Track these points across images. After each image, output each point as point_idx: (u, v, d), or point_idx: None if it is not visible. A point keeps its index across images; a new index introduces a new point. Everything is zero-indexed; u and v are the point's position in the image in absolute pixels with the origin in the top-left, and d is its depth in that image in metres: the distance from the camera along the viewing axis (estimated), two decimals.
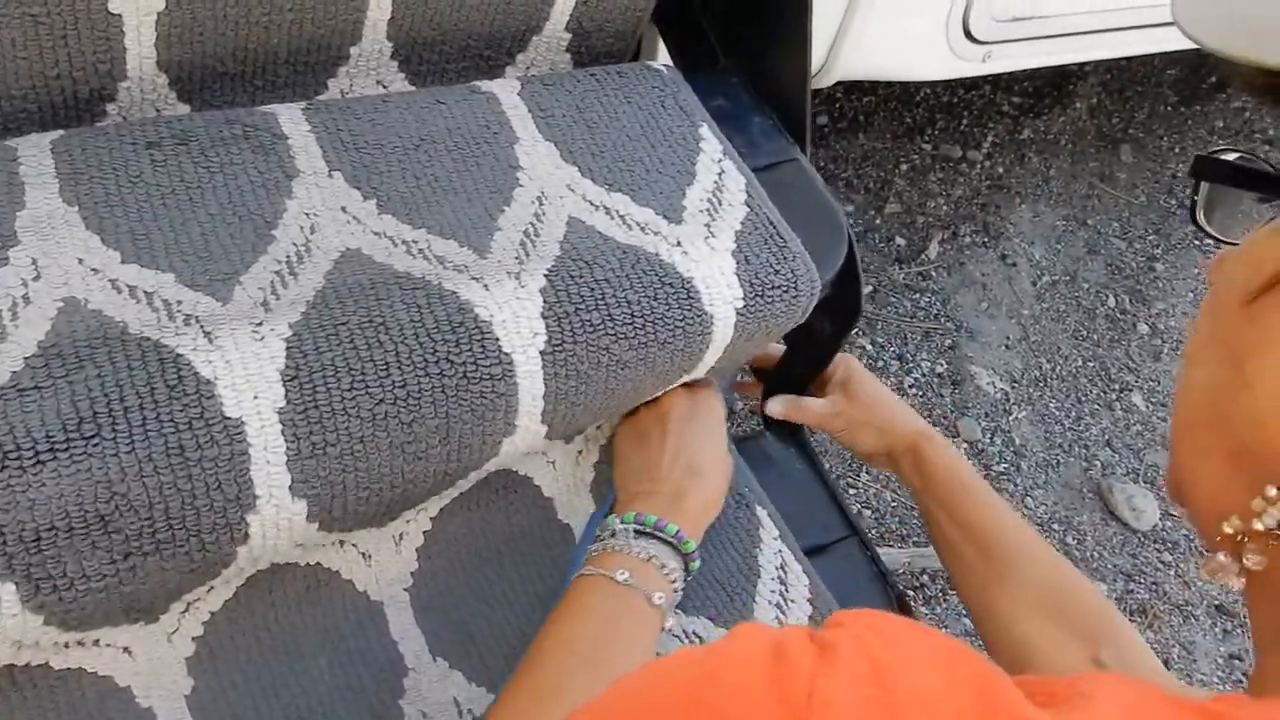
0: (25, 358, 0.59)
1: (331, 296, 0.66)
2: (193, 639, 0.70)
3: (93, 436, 0.58)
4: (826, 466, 0.99)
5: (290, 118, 0.75)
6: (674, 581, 0.71)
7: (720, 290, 0.75)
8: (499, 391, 0.69)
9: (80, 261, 0.64)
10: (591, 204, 0.78)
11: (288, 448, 0.62)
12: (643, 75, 0.88)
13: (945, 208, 1.91)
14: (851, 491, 1.41)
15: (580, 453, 0.85)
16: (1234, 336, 0.38)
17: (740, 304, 0.76)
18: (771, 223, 0.81)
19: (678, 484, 0.75)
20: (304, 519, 0.65)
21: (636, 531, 0.71)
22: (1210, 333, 0.40)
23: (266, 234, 0.69)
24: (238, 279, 0.66)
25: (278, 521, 0.64)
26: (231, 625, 0.72)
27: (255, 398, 0.61)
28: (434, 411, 0.67)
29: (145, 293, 0.64)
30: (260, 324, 0.64)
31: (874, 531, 1.38)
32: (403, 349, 0.66)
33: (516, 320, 0.69)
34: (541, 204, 0.76)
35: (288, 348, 0.63)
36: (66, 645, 0.65)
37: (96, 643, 0.65)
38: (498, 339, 0.68)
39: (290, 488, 0.63)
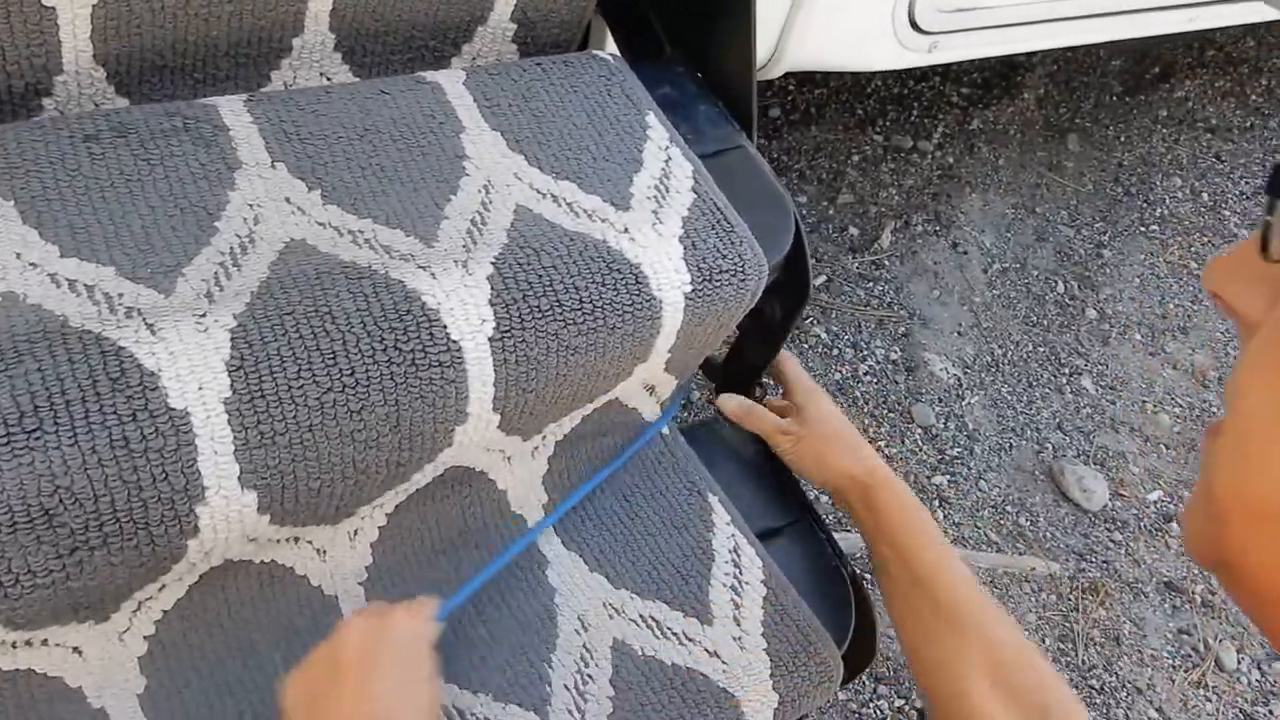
0: None
1: (276, 287, 0.66)
2: (144, 637, 0.70)
3: (34, 430, 0.57)
4: None
5: (232, 109, 0.75)
6: None
7: (668, 275, 0.76)
8: (448, 378, 0.69)
9: (18, 256, 0.64)
10: (539, 192, 0.78)
11: (235, 438, 0.62)
12: (589, 64, 0.89)
13: (897, 197, 1.93)
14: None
15: (536, 449, 0.85)
16: None
17: (689, 289, 0.77)
18: (718, 208, 0.81)
19: None
20: (255, 510, 0.65)
21: None
22: None
23: (209, 225, 0.69)
24: (180, 271, 0.66)
25: (228, 513, 0.63)
26: (184, 623, 0.71)
27: (200, 389, 0.61)
28: (383, 399, 0.67)
29: (86, 286, 0.63)
30: (204, 315, 0.63)
31: (830, 517, 1.39)
32: (349, 337, 0.65)
33: (464, 307, 0.69)
34: (488, 192, 0.77)
35: (232, 338, 0.63)
36: (14, 645, 0.64)
37: (45, 643, 0.65)
38: (445, 326, 0.68)
39: (239, 478, 0.63)
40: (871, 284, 1.75)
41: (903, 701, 1.29)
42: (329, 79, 0.85)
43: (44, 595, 0.59)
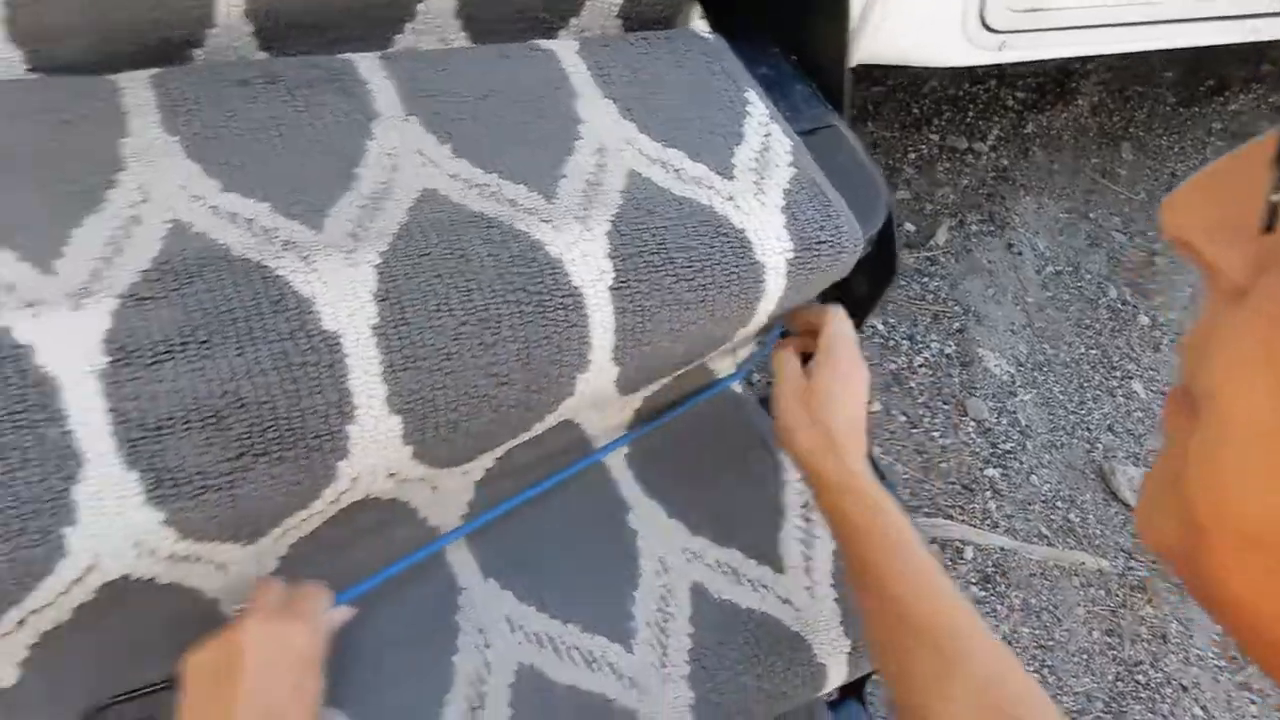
0: (141, 271, 0.64)
1: (415, 230, 0.71)
2: (278, 558, 0.74)
3: (205, 342, 0.62)
4: None
5: (368, 65, 0.80)
6: None
7: (771, 242, 0.80)
8: (571, 322, 0.73)
9: (183, 188, 0.69)
10: (648, 158, 0.82)
11: (382, 360, 0.67)
12: (691, 41, 0.93)
13: (953, 196, 1.96)
14: None
15: (627, 402, 0.90)
16: None
17: (790, 255, 0.81)
18: (816, 183, 0.85)
19: None
20: (400, 438, 0.69)
21: None
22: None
23: (350, 171, 0.73)
24: (327, 211, 0.71)
25: (375, 436, 0.68)
26: (313, 546, 0.76)
27: (350, 315, 0.66)
28: (513, 335, 0.71)
29: (245, 219, 0.68)
30: (352, 252, 0.68)
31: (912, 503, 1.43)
32: (482, 277, 0.70)
33: (585, 259, 0.73)
34: (602, 155, 0.81)
35: (378, 273, 0.68)
36: (178, 557, 0.68)
37: (201, 558, 0.69)
38: (568, 275, 0.73)
39: (387, 399, 0.67)
40: (927, 279, 1.79)
41: None
42: (447, 44, 0.90)
43: (212, 500, 0.64)
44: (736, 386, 0.96)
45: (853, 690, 1.04)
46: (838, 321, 0.82)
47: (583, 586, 0.81)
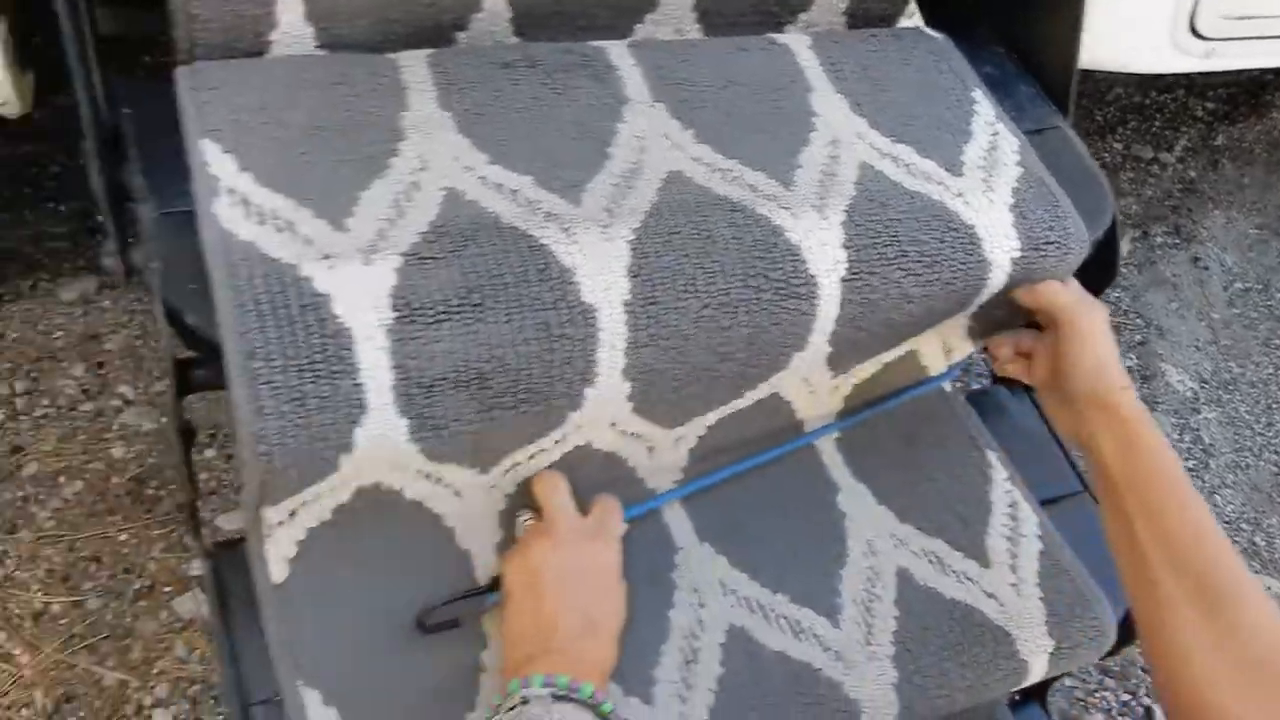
0: (421, 233, 0.69)
1: (665, 209, 0.74)
2: (505, 495, 0.80)
3: (479, 305, 0.67)
4: None
5: (618, 52, 0.84)
6: None
7: (999, 240, 0.81)
8: (802, 310, 0.76)
9: (456, 159, 0.74)
10: (880, 152, 0.84)
11: (628, 336, 0.71)
12: (918, 39, 0.94)
13: (1136, 207, 1.91)
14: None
15: (837, 386, 0.92)
16: None
17: (1016, 254, 0.81)
18: (1044, 182, 0.85)
19: (577, 644, 0.69)
20: (626, 399, 0.74)
21: (554, 696, 0.65)
22: None
23: (604, 151, 0.77)
24: (584, 186, 0.75)
25: (607, 398, 0.72)
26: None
27: (607, 289, 0.70)
28: (748, 320, 0.74)
29: (510, 190, 0.73)
30: (608, 226, 0.72)
31: None
32: (726, 261, 0.73)
33: (822, 248, 0.76)
34: (835, 148, 0.83)
35: (632, 249, 0.71)
36: (422, 474, 0.74)
37: (440, 480, 0.75)
38: (805, 262, 0.75)
39: (623, 370, 0.72)
40: (1108, 289, 1.74)
41: (1129, 696, 1.30)
42: (681, 35, 0.93)
43: (460, 440, 0.69)
44: (946, 385, 0.97)
45: (1036, 693, 1.04)
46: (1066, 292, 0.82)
47: (792, 560, 0.84)
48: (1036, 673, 0.84)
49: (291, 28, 0.76)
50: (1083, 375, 0.77)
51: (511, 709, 0.64)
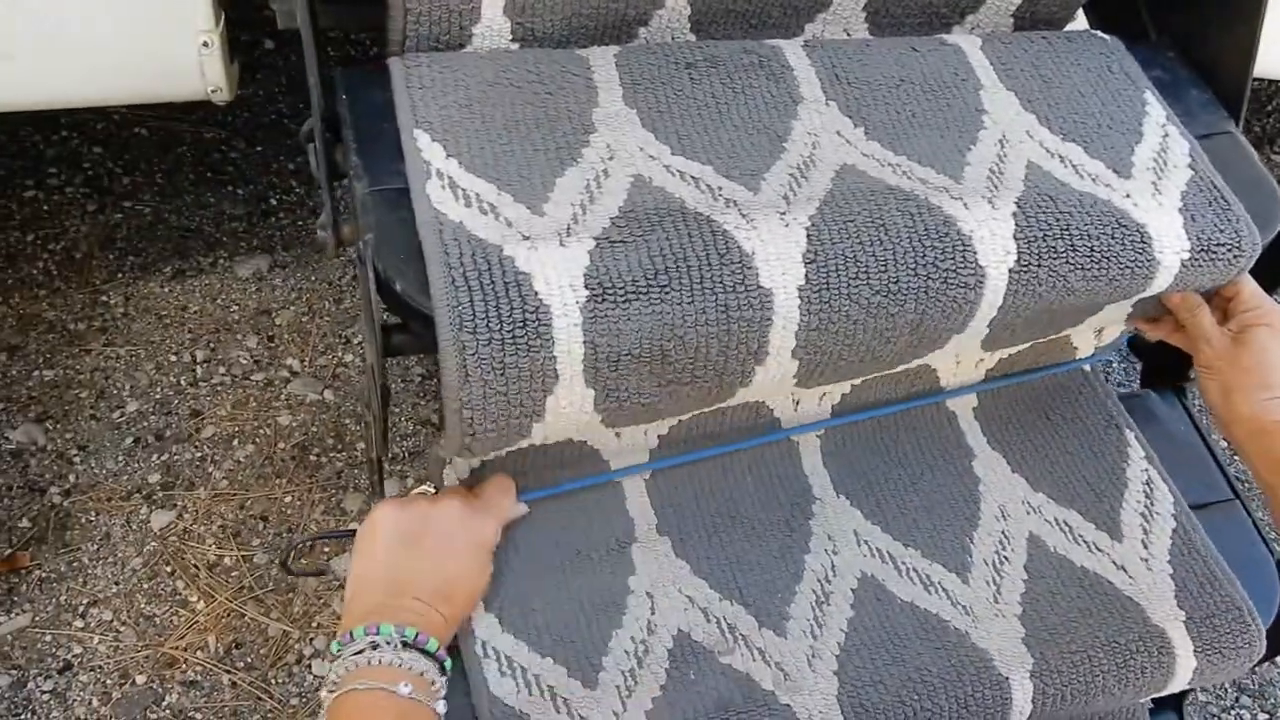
0: (611, 218, 0.73)
1: (839, 198, 0.77)
2: (658, 436, 0.86)
3: (665, 286, 0.71)
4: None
5: (793, 52, 0.87)
6: (441, 695, 0.68)
7: (1170, 240, 0.81)
8: (968, 299, 0.78)
9: (641, 149, 0.78)
10: (1047, 150, 0.85)
11: (800, 320, 0.74)
12: (1090, 41, 0.95)
13: None
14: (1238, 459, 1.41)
15: (980, 360, 0.94)
16: None
17: (1186, 256, 0.82)
18: (1215, 186, 0.85)
19: (429, 603, 0.70)
20: (791, 376, 0.78)
21: (403, 643, 0.67)
22: None
23: (779, 145, 0.81)
24: (762, 175, 0.78)
25: (774, 376, 0.77)
26: (687, 432, 0.87)
27: (784, 273, 0.73)
28: (914, 308, 0.76)
29: (692, 177, 0.77)
30: (784, 213, 0.75)
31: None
32: (899, 249, 0.76)
33: (993, 238, 0.78)
34: (1004, 145, 0.85)
35: (808, 235, 0.75)
36: (594, 426, 0.80)
37: (619, 435, 0.83)
38: (976, 252, 0.77)
39: (793, 352, 0.75)
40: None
41: (1266, 716, 1.27)
42: (850, 34, 0.96)
43: (636, 410, 0.75)
44: (1086, 366, 0.99)
45: (1173, 705, 1.03)
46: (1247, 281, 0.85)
47: (925, 517, 0.88)
48: (1180, 647, 0.84)
49: (492, 22, 0.82)
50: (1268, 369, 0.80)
51: (359, 652, 0.66)
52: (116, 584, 1.24)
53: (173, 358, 1.44)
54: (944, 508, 0.90)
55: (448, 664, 0.70)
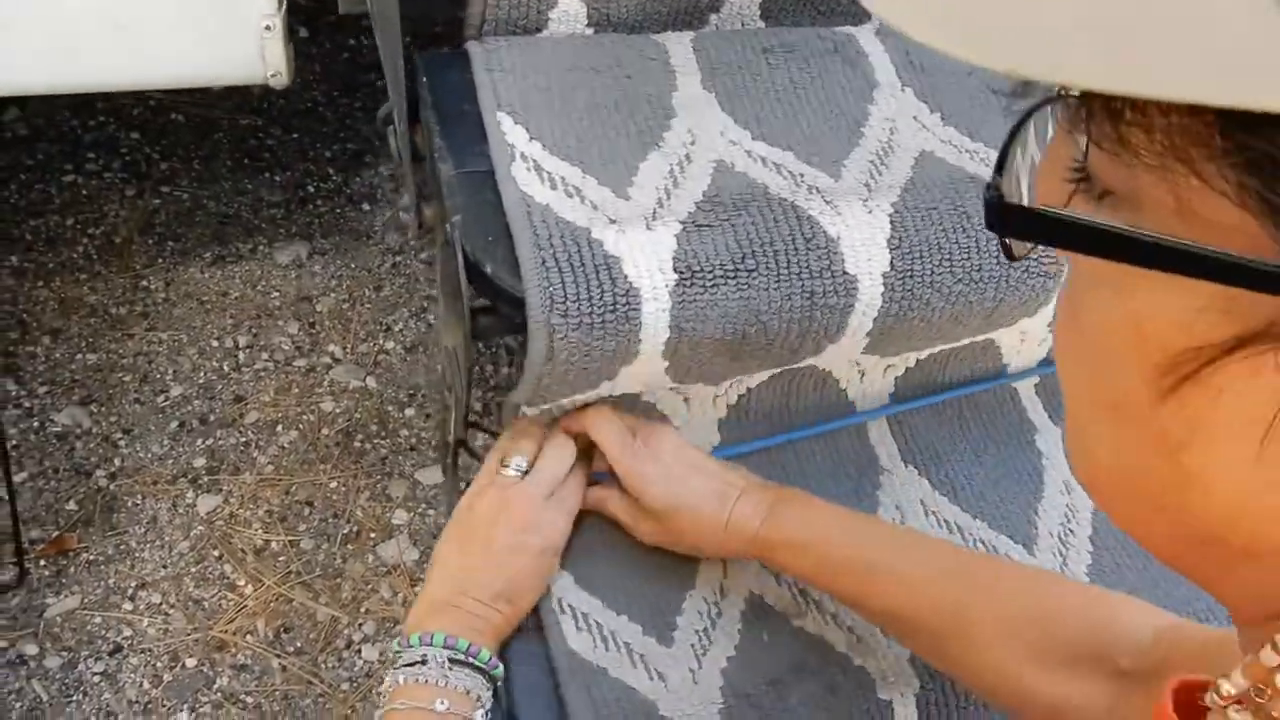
0: (696, 202, 0.73)
1: (920, 185, 0.77)
2: (728, 405, 0.85)
3: (752, 270, 0.71)
4: None
5: (867, 38, 0.87)
6: (485, 710, 0.67)
7: None
8: (1047, 287, 0.78)
9: (722, 134, 0.78)
10: None
11: (881, 307, 0.74)
12: None
13: None
14: None
15: (1045, 338, 0.94)
16: (1152, 423, 0.29)
17: None
18: None
19: (489, 605, 0.70)
20: (862, 350, 0.79)
21: (450, 660, 0.66)
22: (1109, 395, 0.31)
23: (857, 131, 0.81)
24: (842, 162, 0.78)
25: (846, 351, 0.78)
26: (755, 398, 0.87)
27: (869, 259, 0.73)
28: (993, 295, 0.77)
29: (774, 163, 0.77)
30: (868, 200, 0.75)
31: None
32: (981, 237, 0.76)
33: None
34: None
35: (891, 222, 0.75)
36: (666, 388, 0.82)
37: (675, 390, 0.82)
38: None
39: (868, 333, 0.75)
40: None
41: None
42: None
43: (704, 371, 0.76)
44: None
45: None
46: (598, 421, 0.76)
47: (991, 489, 0.88)
48: None
49: (569, 7, 0.82)
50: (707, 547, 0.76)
51: (410, 664, 0.66)
52: (164, 567, 1.25)
53: (214, 343, 1.44)
54: (1009, 481, 0.90)
55: (498, 671, 0.70)
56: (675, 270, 0.70)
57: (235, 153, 1.66)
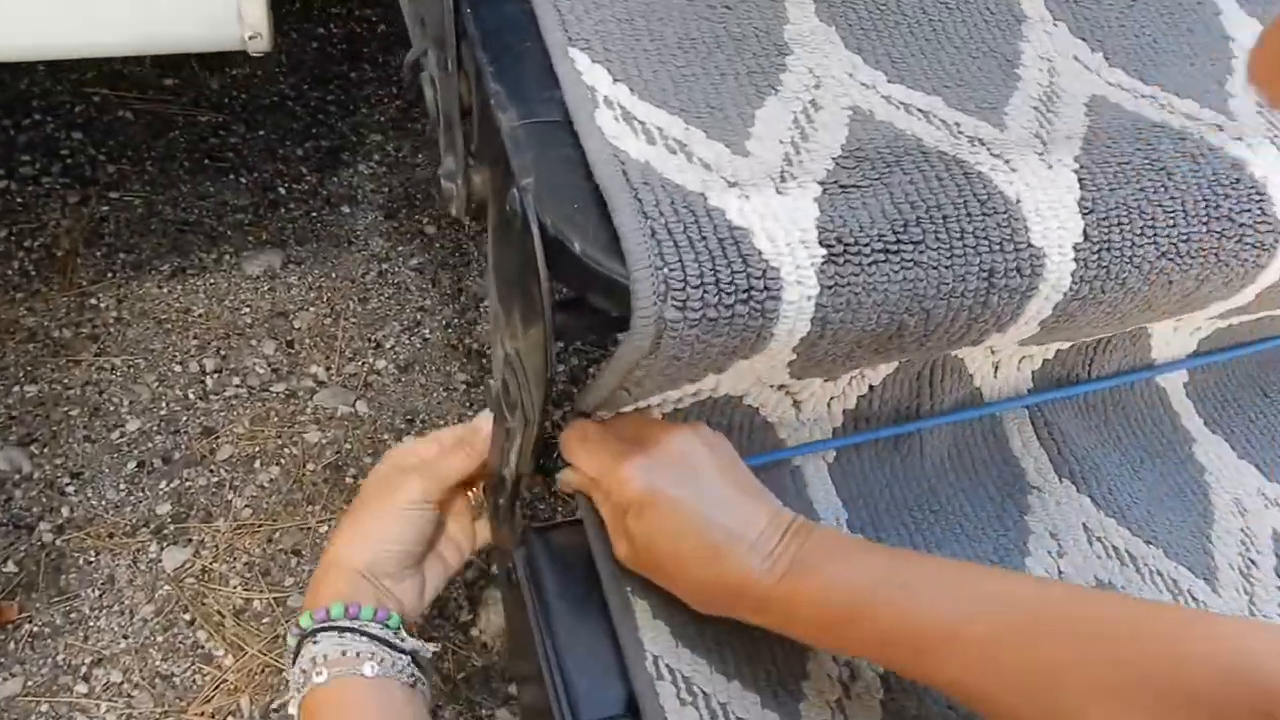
0: (834, 157, 0.57)
1: (1103, 135, 0.61)
2: (844, 411, 0.70)
3: (919, 242, 0.54)
4: None
5: None
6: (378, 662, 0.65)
7: None
8: (1259, 263, 0.62)
9: (851, 75, 0.62)
10: None
11: (1070, 288, 0.58)
12: None
13: None
14: None
15: (1199, 327, 0.80)
16: None
17: None
18: None
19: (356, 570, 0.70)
20: (1018, 342, 0.64)
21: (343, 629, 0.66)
22: None
23: (1011, 72, 0.65)
24: (1003, 109, 0.62)
25: (1003, 344, 0.63)
26: (878, 398, 0.72)
27: (1060, 228, 0.57)
28: (1197, 273, 0.61)
29: (920, 110, 0.61)
30: (1044, 153, 0.59)
31: None
32: (1186, 199, 0.60)
33: None
34: None
35: (1079, 180, 0.58)
36: (776, 386, 0.68)
37: (788, 389, 0.67)
38: (1273, 203, 0.61)
39: (1041, 322, 0.60)
40: None
41: None
42: None
43: (831, 364, 0.60)
44: None
45: None
46: (569, 438, 0.62)
47: (1157, 510, 0.74)
48: None
49: None
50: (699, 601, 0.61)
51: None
52: (125, 638, 1.04)
53: (177, 368, 1.24)
54: (1173, 500, 0.75)
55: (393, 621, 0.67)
56: (822, 244, 0.53)
57: (194, 153, 1.46)
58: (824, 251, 0.52)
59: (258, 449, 1.19)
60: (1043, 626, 0.49)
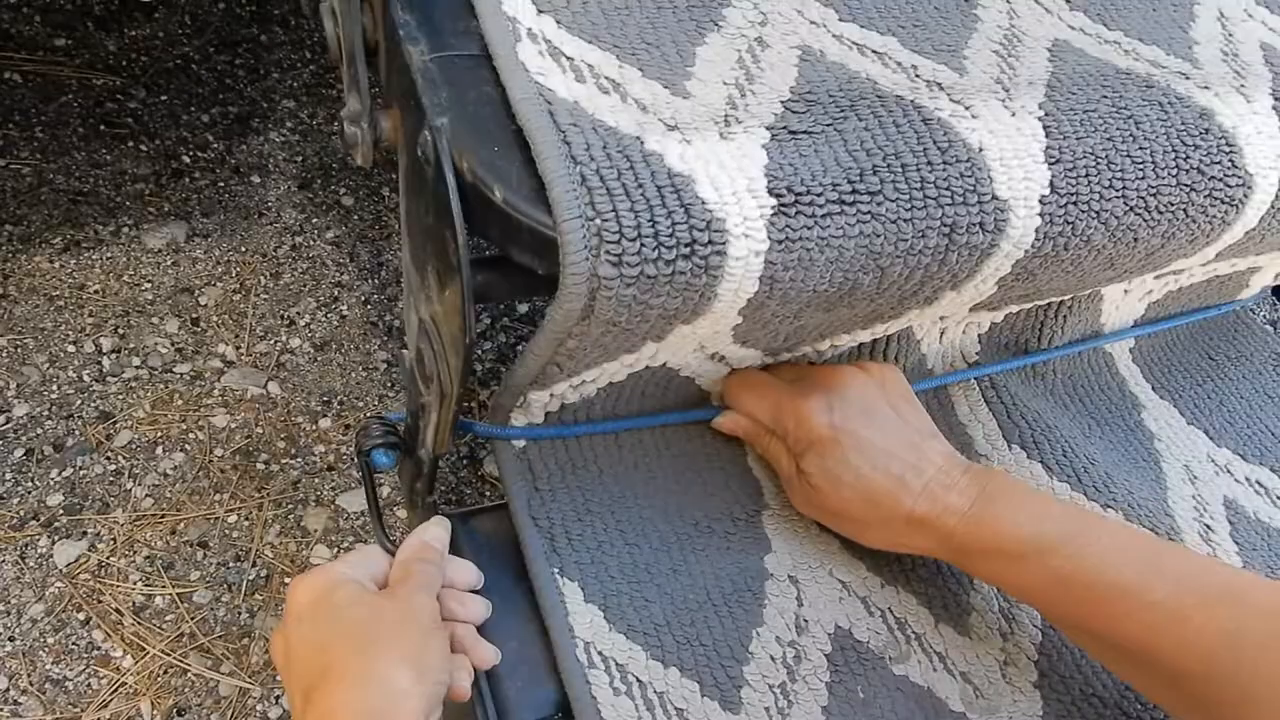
0: (783, 100, 0.51)
1: (1067, 81, 0.57)
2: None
3: (876, 193, 0.49)
4: None
5: None
6: None
7: None
8: (1226, 219, 0.59)
9: (799, 13, 0.56)
10: (1270, 28, 0.67)
11: (1031, 246, 0.54)
12: None
13: None
14: None
15: (1150, 292, 0.78)
16: None
17: None
18: None
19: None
20: (969, 307, 0.61)
21: None
22: None
23: (969, 13, 0.60)
24: (962, 52, 0.57)
25: (954, 305, 0.59)
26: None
27: (1025, 179, 0.52)
28: (1165, 230, 0.57)
29: (875, 51, 0.56)
30: (1006, 100, 0.55)
31: None
32: (1154, 149, 0.56)
33: (1259, 137, 0.58)
34: (1227, 23, 0.66)
35: (1044, 128, 0.54)
36: (710, 354, 0.63)
37: (725, 359, 0.63)
38: (1244, 155, 0.58)
39: (999, 280, 0.56)
40: None
41: None
42: None
43: (777, 329, 0.56)
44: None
45: None
46: (733, 383, 0.62)
47: (1115, 473, 0.70)
48: None
49: None
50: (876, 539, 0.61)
51: None
52: (11, 640, 0.95)
53: (70, 348, 1.15)
54: (1126, 467, 0.72)
55: None
56: (771, 193, 0.47)
57: (89, 118, 1.36)
58: (774, 202, 0.47)
59: (160, 434, 1.11)
60: (1227, 593, 0.49)
